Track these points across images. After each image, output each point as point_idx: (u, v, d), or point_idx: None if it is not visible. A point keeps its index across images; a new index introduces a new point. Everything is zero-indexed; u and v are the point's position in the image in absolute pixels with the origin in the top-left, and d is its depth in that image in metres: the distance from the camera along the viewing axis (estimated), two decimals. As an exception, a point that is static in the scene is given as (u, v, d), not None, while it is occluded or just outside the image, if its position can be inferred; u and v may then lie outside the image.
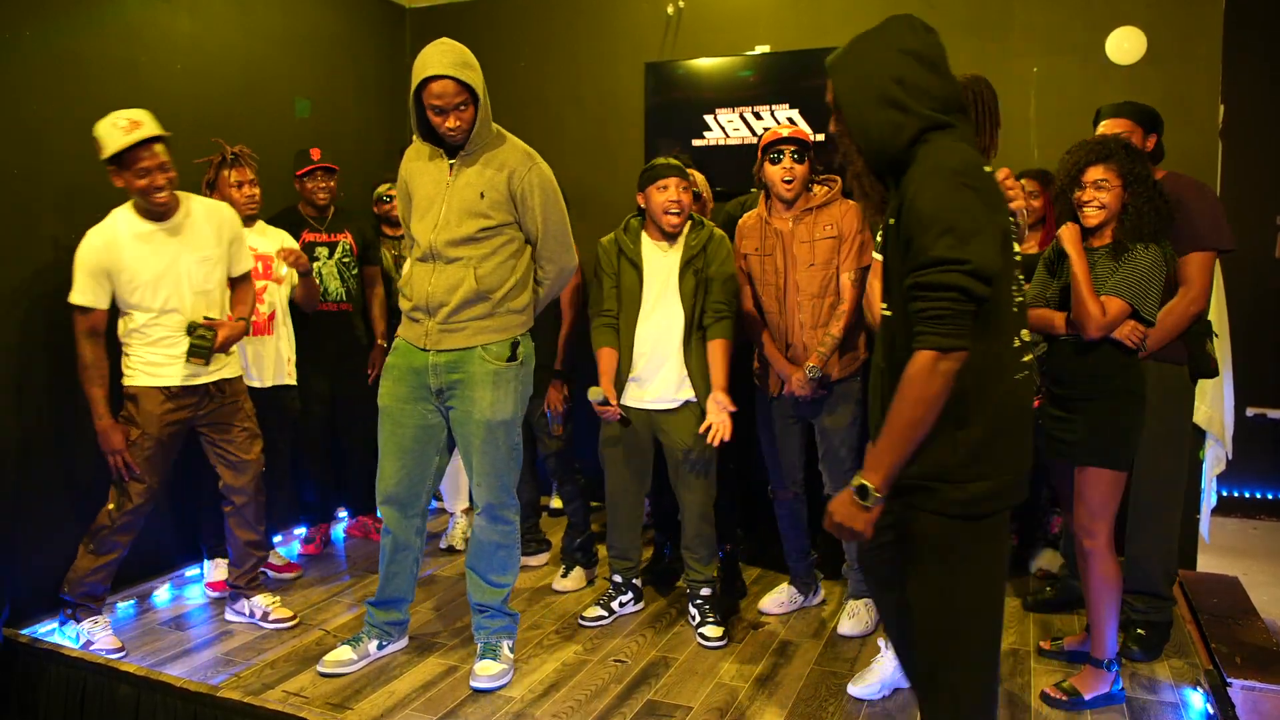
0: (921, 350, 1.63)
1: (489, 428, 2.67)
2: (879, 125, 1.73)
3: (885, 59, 1.74)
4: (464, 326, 2.65)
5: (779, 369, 3.02)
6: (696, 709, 2.60)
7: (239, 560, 3.19)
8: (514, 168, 2.62)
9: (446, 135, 2.57)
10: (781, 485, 3.17)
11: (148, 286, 2.86)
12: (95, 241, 2.83)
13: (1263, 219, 5.04)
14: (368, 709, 2.59)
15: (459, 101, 2.51)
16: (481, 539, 2.80)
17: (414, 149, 2.74)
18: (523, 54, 4.68)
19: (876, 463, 1.70)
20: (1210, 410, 3.49)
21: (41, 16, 3.12)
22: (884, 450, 1.69)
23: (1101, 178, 2.52)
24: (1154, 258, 2.48)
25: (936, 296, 1.62)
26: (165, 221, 2.89)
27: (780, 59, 4.13)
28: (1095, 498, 2.52)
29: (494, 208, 2.61)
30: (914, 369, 1.64)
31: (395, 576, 2.89)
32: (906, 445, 1.68)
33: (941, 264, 1.61)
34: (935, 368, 1.63)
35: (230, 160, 3.33)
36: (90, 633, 2.94)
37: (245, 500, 3.13)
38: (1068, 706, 2.55)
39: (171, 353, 2.93)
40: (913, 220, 1.65)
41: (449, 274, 2.63)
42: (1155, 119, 2.89)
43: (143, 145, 2.75)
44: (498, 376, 2.67)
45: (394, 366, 2.76)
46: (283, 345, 3.54)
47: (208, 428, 3.06)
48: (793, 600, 3.28)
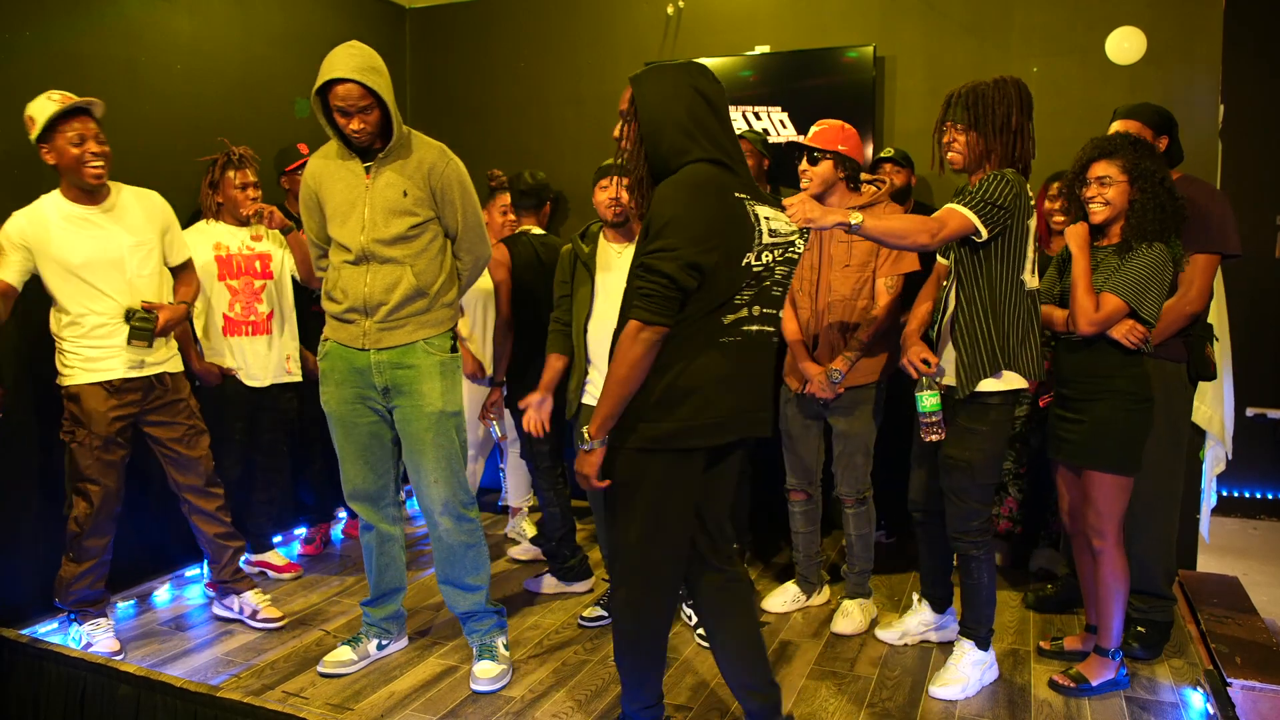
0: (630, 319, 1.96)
1: (441, 419, 2.68)
2: (670, 144, 2.02)
3: (683, 93, 2.02)
4: (405, 323, 2.66)
5: (801, 367, 3.02)
6: (697, 709, 2.60)
7: (215, 555, 3.18)
8: (432, 163, 2.64)
9: (351, 137, 2.57)
10: (797, 485, 3.17)
11: (79, 270, 2.81)
12: (19, 220, 2.79)
13: (1263, 219, 5.04)
14: (368, 709, 2.59)
15: (363, 105, 2.51)
16: (450, 542, 2.77)
17: (316, 161, 2.73)
18: (523, 54, 4.68)
19: (594, 415, 2.03)
20: (1210, 410, 3.49)
21: (41, 16, 3.12)
22: (601, 405, 2.01)
23: (1104, 174, 2.52)
24: (1156, 257, 2.46)
25: (651, 278, 1.94)
26: (96, 205, 2.85)
27: (780, 59, 4.14)
28: (1102, 501, 2.54)
29: (418, 205, 2.63)
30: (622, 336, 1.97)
31: (386, 569, 2.89)
32: (616, 400, 1.99)
33: (659, 253, 1.93)
34: (637, 336, 1.95)
35: (236, 161, 3.33)
36: (91, 634, 2.94)
37: (198, 496, 3.10)
38: (1076, 693, 2.61)
39: (110, 343, 2.87)
40: (653, 215, 1.96)
41: (385, 274, 2.64)
42: (1167, 121, 2.88)
43: (75, 115, 2.74)
44: (443, 367, 2.70)
45: (332, 370, 2.74)
46: (284, 343, 3.52)
47: (153, 425, 3.00)
48: (796, 600, 3.28)
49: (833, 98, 3.98)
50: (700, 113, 2.02)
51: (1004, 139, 2.46)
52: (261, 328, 3.44)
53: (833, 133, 2.93)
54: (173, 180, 3.35)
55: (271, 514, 3.67)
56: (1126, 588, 2.61)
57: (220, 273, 3.35)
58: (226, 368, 3.37)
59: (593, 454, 2.05)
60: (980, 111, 2.46)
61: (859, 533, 3.10)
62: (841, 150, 2.92)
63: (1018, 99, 2.46)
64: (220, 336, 3.37)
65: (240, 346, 3.39)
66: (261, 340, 3.44)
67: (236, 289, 3.38)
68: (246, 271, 3.40)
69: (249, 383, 3.41)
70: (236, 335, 3.38)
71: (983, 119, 2.46)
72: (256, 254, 3.42)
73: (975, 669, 2.66)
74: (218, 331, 3.37)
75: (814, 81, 4.04)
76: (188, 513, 3.12)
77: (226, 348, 3.38)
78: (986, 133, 2.46)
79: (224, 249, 3.37)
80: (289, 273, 3.52)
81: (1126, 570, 2.60)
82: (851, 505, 3.08)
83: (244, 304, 3.39)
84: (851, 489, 3.06)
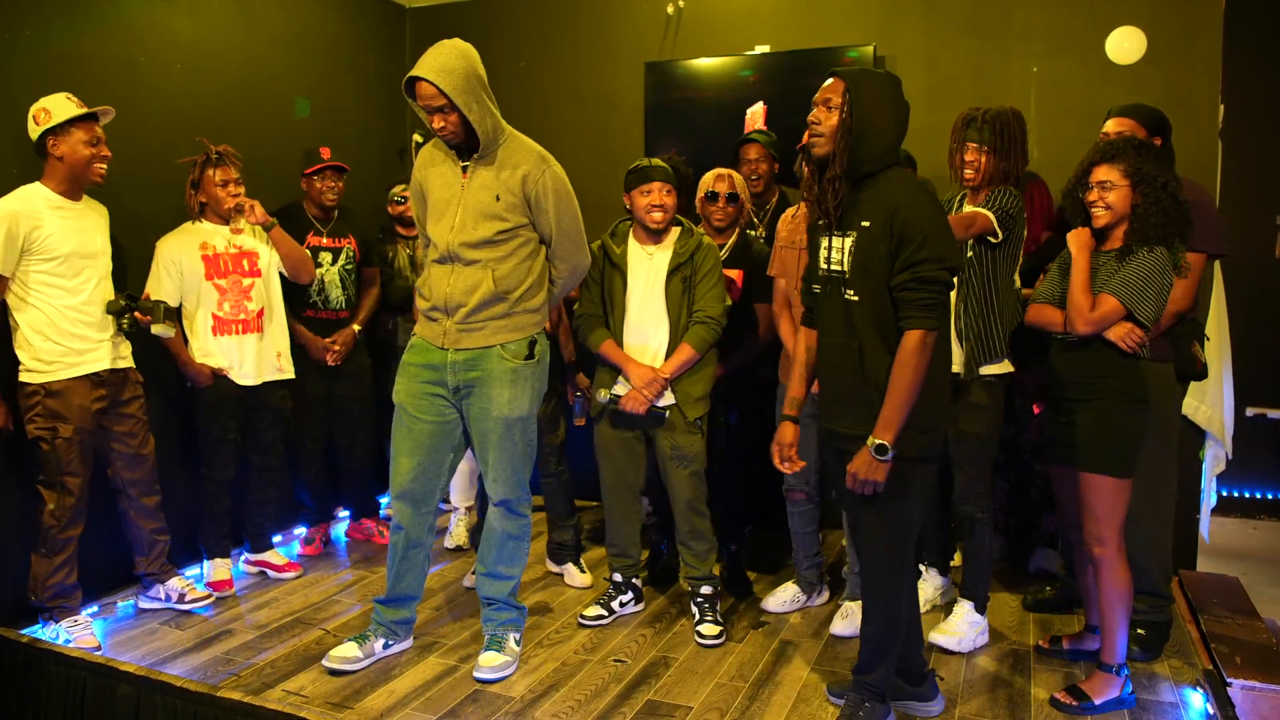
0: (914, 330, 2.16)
1: (506, 424, 2.71)
2: (877, 147, 2.22)
3: (895, 98, 2.26)
4: (482, 326, 2.68)
5: None
6: (696, 708, 2.60)
7: (146, 548, 3.23)
8: (528, 170, 2.64)
9: (439, 135, 2.61)
10: (796, 485, 3.17)
11: (67, 259, 2.91)
12: (13, 205, 2.86)
13: (1263, 219, 5.03)
14: (368, 708, 2.59)
15: (438, 105, 2.54)
16: (496, 527, 2.83)
17: (428, 150, 2.77)
18: (523, 54, 4.68)
19: (888, 424, 2.17)
20: (1210, 410, 3.49)
21: (41, 16, 3.12)
22: (892, 412, 2.16)
23: (1105, 178, 2.51)
24: (1156, 260, 2.44)
25: (928, 289, 2.15)
26: (76, 202, 2.99)
27: (780, 59, 4.13)
28: (1099, 504, 2.51)
29: (509, 210, 2.64)
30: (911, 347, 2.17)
31: (406, 574, 2.89)
32: (908, 407, 2.16)
33: (928, 263, 2.14)
34: (924, 344, 2.16)
35: (215, 159, 3.33)
36: (69, 632, 2.95)
37: (140, 493, 3.17)
38: (1078, 711, 2.52)
39: (98, 336, 2.98)
40: (904, 226, 2.16)
41: (467, 275, 2.66)
42: (1161, 121, 2.87)
43: (90, 119, 2.93)
44: (515, 374, 2.71)
45: (410, 364, 2.79)
46: (275, 340, 3.50)
47: (113, 419, 3.08)
48: (796, 600, 3.28)
49: (833, 98, 3.97)
50: (903, 123, 2.28)
51: (1016, 163, 2.80)
52: (251, 326, 3.42)
53: None
54: (172, 180, 3.35)
55: (269, 513, 3.66)
56: (1130, 599, 2.53)
57: (208, 272, 3.34)
58: (217, 367, 3.37)
59: (887, 462, 2.19)
60: (1005, 139, 2.78)
61: None
62: None
63: (1023, 130, 2.82)
64: (210, 336, 3.36)
65: (230, 345, 3.38)
66: (251, 338, 3.42)
67: (224, 288, 3.37)
68: (234, 270, 3.39)
69: (240, 381, 3.40)
70: (226, 334, 3.38)
71: (1005, 146, 2.78)
72: (244, 252, 3.42)
73: (972, 629, 2.93)
74: (207, 331, 3.36)
75: (814, 81, 3.98)
76: (125, 508, 3.19)
77: (217, 347, 3.37)
78: (1006, 157, 2.78)
79: (210, 249, 3.36)
80: (276, 270, 3.51)
81: (1130, 581, 2.53)
82: (851, 504, 3.09)
83: (233, 302, 3.38)
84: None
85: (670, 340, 3.03)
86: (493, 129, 2.62)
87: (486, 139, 2.61)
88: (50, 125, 2.88)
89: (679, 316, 3.02)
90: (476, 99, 2.56)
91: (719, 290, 3.03)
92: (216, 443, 3.41)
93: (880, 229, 2.19)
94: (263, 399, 3.48)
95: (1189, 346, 2.85)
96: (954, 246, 2.19)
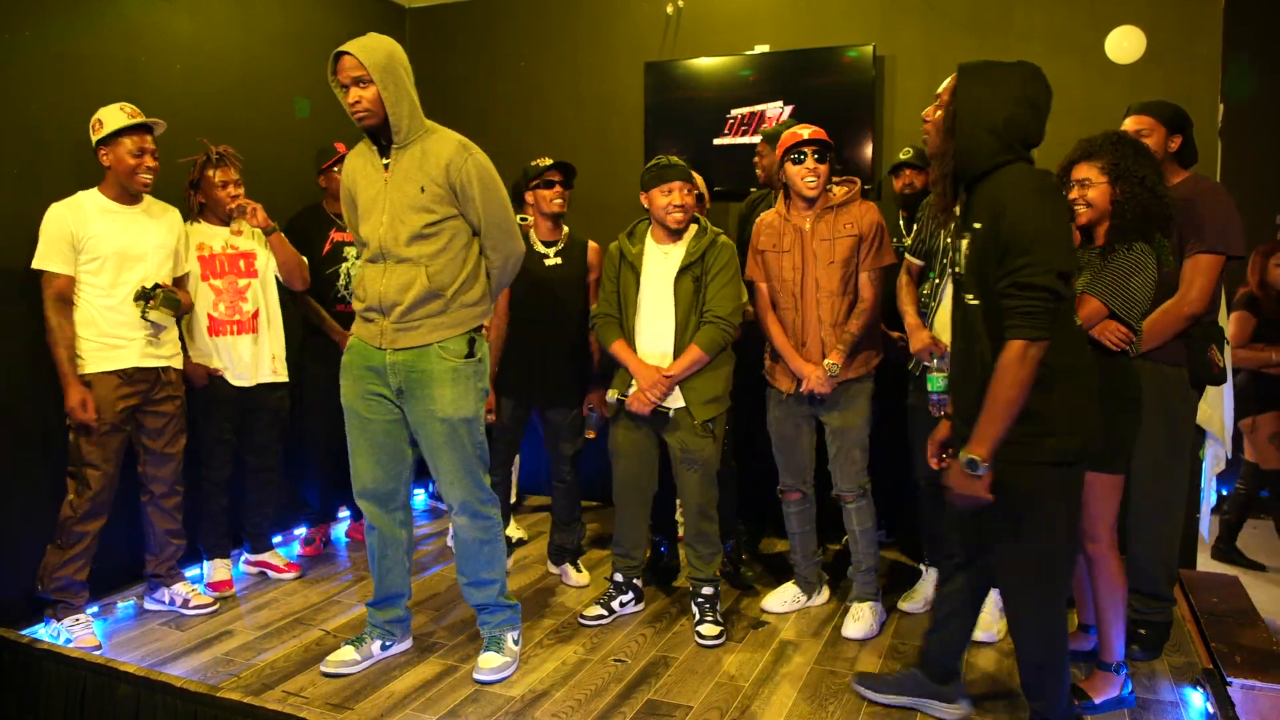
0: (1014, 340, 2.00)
1: (452, 425, 2.66)
2: (980, 145, 2.10)
3: (1015, 91, 2.11)
4: (419, 324, 2.64)
5: (795, 367, 3.01)
6: (696, 708, 2.60)
7: (159, 548, 3.25)
8: (449, 159, 2.59)
9: (353, 115, 2.57)
10: (791, 485, 3.17)
11: (109, 260, 3.00)
12: (62, 210, 2.98)
13: (1263, 219, 5.04)
14: (367, 709, 2.59)
15: (355, 75, 2.53)
16: (464, 538, 2.80)
17: (351, 157, 2.74)
18: (523, 54, 4.68)
19: (982, 437, 2.04)
20: (1210, 410, 3.48)
21: (41, 16, 3.12)
22: (986, 426, 2.04)
23: (1084, 176, 2.51)
24: (1136, 257, 2.44)
25: (1030, 295, 1.98)
26: (131, 206, 3.08)
27: (780, 58, 4.13)
28: (1092, 501, 2.49)
29: (435, 201, 2.60)
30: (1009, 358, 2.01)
31: (389, 573, 2.89)
32: (1006, 420, 2.02)
33: (1029, 268, 1.97)
34: (1025, 355, 1.99)
35: (215, 160, 3.33)
36: (71, 630, 2.95)
37: (164, 490, 3.21)
38: (1078, 711, 2.50)
39: (129, 334, 3.04)
40: (1010, 229, 2.01)
41: (400, 273, 2.62)
42: (1180, 118, 2.84)
43: (143, 129, 3.03)
44: (456, 373, 2.66)
45: (351, 365, 2.75)
46: (270, 342, 3.50)
47: (146, 415, 3.12)
48: (796, 600, 3.28)
49: (832, 97, 3.98)
50: (1022, 118, 2.11)
51: None
52: (246, 327, 3.42)
53: (820, 131, 2.99)
54: (172, 180, 3.35)
55: (268, 514, 3.66)
56: (1124, 596, 2.53)
57: (204, 272, 3.34)
58: (213, 368, 3.37)
59: (986, 475, 2.07)
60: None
61: (862, 527, 3.10)
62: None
63: None
64: (205, 336, 3.36)
65: (225, 346, 3.38)
66: (246, 339, 3.42)
67: (220, 289, 3.37)
68: (230, 271, 3.39)
69: (235, 382, 3.39)
70: (221, 335, 3.37)
71: None
72: (240, 253, 3.42)
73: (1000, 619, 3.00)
74: (203, 331, 3.35)
75: (814, 81, 4.05)
76: (147, 502, 3.22)
77: (212, 347, 3.37)
78: None
79: (207, 249, 3.36)
80: (273, 272, 3.51)
81: (1123, 575, 2.53)
82: (852, 500, 3.08)
83: (228, 303, 3.38)
84: (851, 483, 3.07)
85: (675, 340, 3.02)
86: (408, 115, 2.58)
87: (399, 122, 2.57)
88: (102, 135, 2.99)
89: (687, 316, 3.00)
90: (394, 80, 2.54)
91: (731, 290, 3.01)
92: (214, 443, 3.41)
93: (988, 231, 2.09)
94: (258, 400, 3.47)
95: (1205, 351, 2.77)
96: (1065, 250, 2.02)
